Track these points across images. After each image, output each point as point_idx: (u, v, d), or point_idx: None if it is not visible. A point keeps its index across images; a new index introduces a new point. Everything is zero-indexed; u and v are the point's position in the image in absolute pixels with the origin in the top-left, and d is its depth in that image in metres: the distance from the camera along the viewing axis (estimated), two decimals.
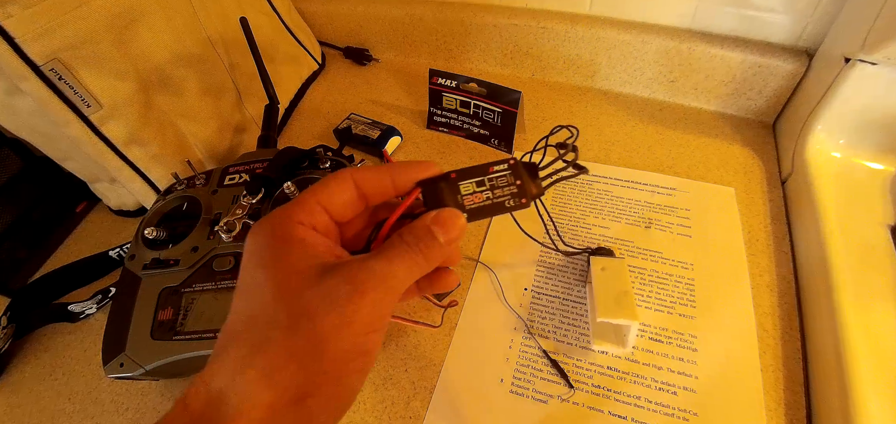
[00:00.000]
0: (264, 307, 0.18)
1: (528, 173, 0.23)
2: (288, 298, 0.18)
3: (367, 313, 0.18)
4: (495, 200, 0.22)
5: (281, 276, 0.18)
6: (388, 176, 0.22)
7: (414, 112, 0.62)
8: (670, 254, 0.43)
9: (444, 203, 0.22)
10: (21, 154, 0.50)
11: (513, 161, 0.23)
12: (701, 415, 0.34)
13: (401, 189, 0.22)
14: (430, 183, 0.22)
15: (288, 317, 0.18)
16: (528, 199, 0.22)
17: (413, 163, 0.22)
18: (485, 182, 0.22)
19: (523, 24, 0.60)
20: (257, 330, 0.18)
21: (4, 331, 0.43)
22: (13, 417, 0.40)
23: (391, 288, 0.19)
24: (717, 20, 0.53)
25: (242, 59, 0.54)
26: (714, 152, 0.51)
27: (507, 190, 0.22)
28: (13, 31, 0.35)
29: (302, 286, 0.18)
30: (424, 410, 0.36)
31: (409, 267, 0.20)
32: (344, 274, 0.18)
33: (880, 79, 0.40)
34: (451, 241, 0.21)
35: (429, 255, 0.20)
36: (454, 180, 0.22)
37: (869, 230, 0.39)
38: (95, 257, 0.49)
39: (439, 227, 0.21)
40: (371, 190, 0.22)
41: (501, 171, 0.23)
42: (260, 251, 0.19)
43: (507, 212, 0.22)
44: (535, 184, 0.23)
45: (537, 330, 0.39)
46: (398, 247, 0.20)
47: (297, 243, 0.19)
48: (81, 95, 0.40)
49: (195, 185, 0.43)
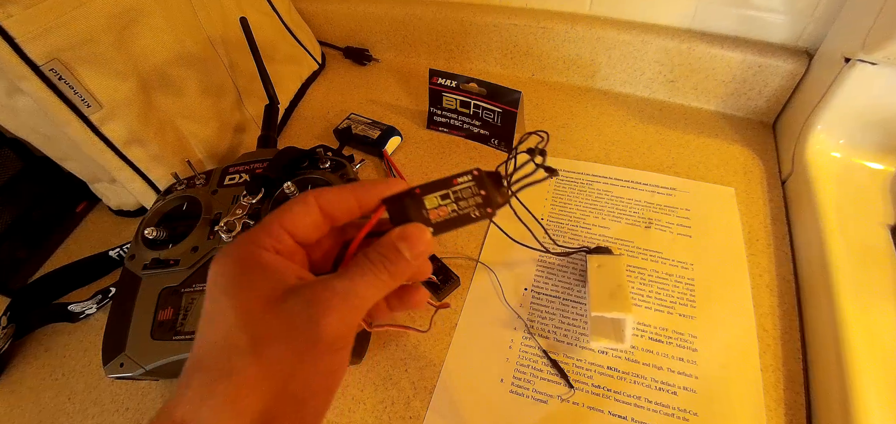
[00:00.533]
0: (227, 334, 0.18)
1: (492, 183, 0.23)
2: (250, 323, 0.18)
3: (329, 333, 0.18)
4: (461, 212, 0.22)
5: (243, 302, 0.18)
6: (352, 195, 0.22)
7: (414, 112, 0.62)
8: (670, 254, 0.43)
9: (410, 218, 0.22)
10: (21, 154, 0.50)
11: (476, 171, 0.23)
12: (701, 415, 0.34)
13: (366, 208, 0.22)
14: (394, 199, 0.22)
15: (250, 343, 0.18)
16: (494, 208, 0.23)
17: (378, 182, 0.22)
18: (449, 194, 0.23)
19: (523, 24, 0.60)
20: (219, 358, 0.18)
21: (4, 331, 0.43)
22: (13, 417, 0.40)
23: (354, 306, 0.19)
24: (717, 20, 0.53)
25: (242, 59, 0.54)
26: (714, 152, 0.51)
27: (472, 200, 0.23)
28: (13, 31, 0.34)
29: (263, 310, 0.18)
30: (424, 410, 0.36)
31: (373, 284, 0.20)
32: (305, 296, 0.19)
33: (880, 79, 0.40)
34: (418, 256, 0.21)
35: (394, 271, 0.20)
36: (418, 195, 0.22)
37: (869, 230, 0.39)
38: (95, 257, 0.49)
39: (404, 243, 0.21)
40: (335, 210, 0.22)
41: (465, 183, 0.23)
42: (222, 278, 0.19)
43: (474, 223, 0.22)
44: (501, 193, 0.23)
45: (537, 330, 0.39)
46: (361, 265, 0.20)
47: (259, 268, 0.19)
48: (81, 95, 0.40)
49: (195, 185, 0.43)
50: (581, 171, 0.51)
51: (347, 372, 0.38)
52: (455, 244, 0.46)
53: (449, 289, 0.42)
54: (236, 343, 0.18)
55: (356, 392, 0.37)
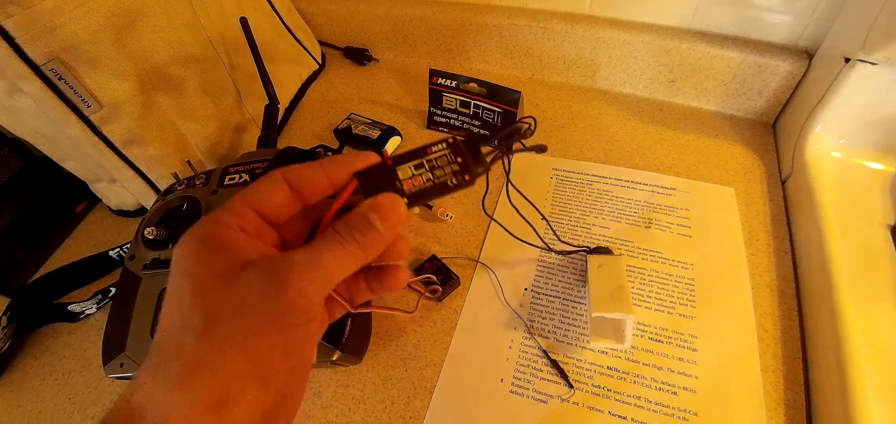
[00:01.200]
0: (182, 313, 0.17)
1: (469, 150, 0.22)
2: (203, 300, 0.17)
3: (287, 307, 0.17)
4: (437, 181, 0.21)
5: (201, 281, 0.18)
6: (322, 171, 0.21)
7: (414, 112, 0.62)
8: (670, 254, 0.43)
9: (383, 190, 0.21)
10: (21, 154, 0.50)
11: (451, 139, 0.22)
12: (701, 415, 0.34)
13: (337, 183, 0.21)
14: (366, 173, 0.21)
15: (203, 320, 0.17)
16: (472, 177, 0.22)
17: (348, 156, 0.21)
18: (424, 163, 0.21)
19: (523, 24, 0.60)
20: (173, 338, 0.17)
21: (4, 331, 0.43)
22: (13, 417, 0.40)
23: (318, 277, 0.18)
24: (717, 20, 0.53)
25: (242, 58, 0.54)
26: (714, 152, 0.51)
27: (448, 169, 0.21)
28: (13, 31, 0.34)
29: (219, 286, 0.17)
30: (424, 410, 0.36)
31: (341, 257, 0.19)
32: (261, 268, 0.18)
33: (880, 79, 0.40)
34: (391, 227, 0.20)
35: (364, 243, 0.19)
36: (391, 167, 0.21)
37: (869, 230, 0.39)
38: (95, 257, 0.49)
39: (376, 213, 0.20)
40: (305, 187, 0.21)
41: (440, 151, 0.22)
42: (184, 259, 0.18)
43: (451, 192, 0.21)
44: (479, 161, 0.22)
45: (537, 330, 0.39)
46: (328, 237, 0.19)
47: (221, 244, 0.18)
48: (81, 95, 0.40)
49: (195, 185, 0.43)
50: (581, 171, 0.51)
51: (347, 372, 0.38)
52: (455, 244, 0.46)
53: (449, 289, 0.42)
54: (189, 321, 0.17)
55: (356, 392, 0.37)
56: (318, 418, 0.36)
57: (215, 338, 0.17)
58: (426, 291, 0.40)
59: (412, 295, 0.42)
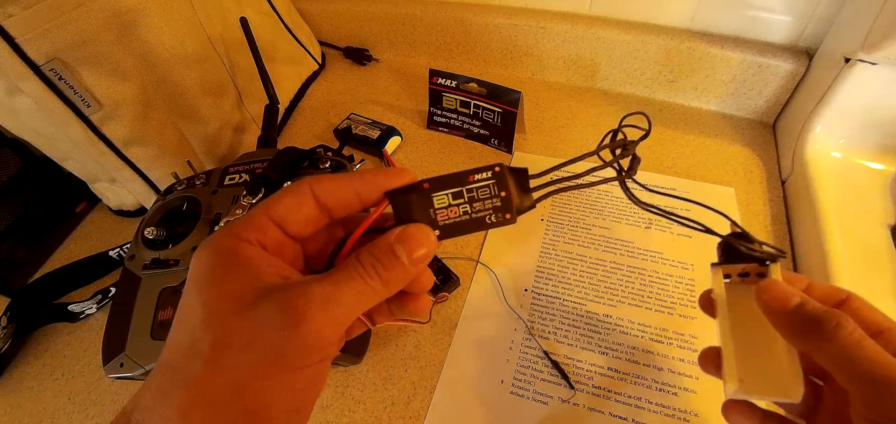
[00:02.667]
0: (192, 334, 0.16)
1: (515, 181, 0.20)
2: (214, 325, 0.16)
3: (300, 347, 0.16)
4: (474, 215, 0.19)
5: (214, 301, 0.17)
6: (352, 186, 0.19)
7: (414, 112, 0.62)
8: (670, 255, 0.43)
9: (414, 217, 0.19)
10: (21, 154, 0.50)
11: (498, 167, 0.19)
12: (701, 416, 0.34)
13: (367, 200, 0.19)
14: (399, 193, 0.19)
15: (211, 348, 0.16)
16: (514, 215, 0.19)
17: (382, 171, 0.19)
18: (463, 193, 0.19)
19: (523, 24, 0.60)
20: (180, 361, 0.16)
21: (4, 331, 0.43)
22: (13, 417, 0.40)
23: (335, 317, 0.17)
24: (717, 20, 0.53)
25: (242, 58, 0.54)
26: (714, 152, 0.51)
27: (489, 203, 0.19)
28: (13, 31, 0.35)
29: (232, 312, 0.16)
30: (425, 410, 0.36)
31: (361, 292, 0.18)
32: (278, 301, 0.16)
33: (880, 80, 0.40)
34: (418, 262, 0.18)
35: (388, 278, 0.18)
36: (427, 191, 0.19)
37: (869, 230, 0.39)
38: (95, 257, 0.49)
39: (403, 245, 0.18)
40: (333, 202, 0.19)
41: (483, 181, 0.19)
42: (200, 273, 0.17)
43: (490, 228, 0.19)
44: (524, 197, 0.20)
45: (538, 331, 0.39)
46: (350, 269, 0.18)
47: (238, 263, 0.17)
48: (81, 95, 0.40)
49: (195, 185, 0.43)
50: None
51: (347, 372, 0.38)
52: (455, 244, 0.46)
53: (448, 290, 0.42)
54: (198, 346, 0.16)
55: (356, 392, 0.37)
56: (318, 418, 0.36)
57: (222, 370, 0.16)
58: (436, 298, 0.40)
59: None
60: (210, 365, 0.16)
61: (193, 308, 0.17)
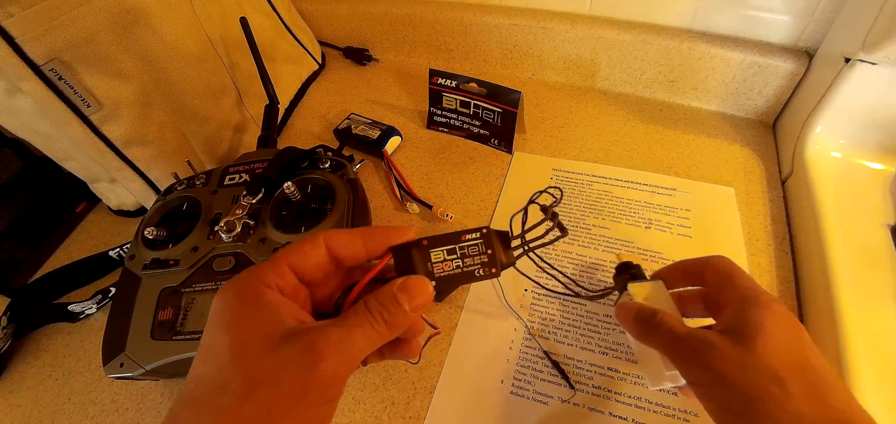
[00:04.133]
0: (221, 371, 0.18)
1: (500, 242, 0.23)
2: (244, 364, 0.18)
3: (321, 384, 0.18)
4: (465, 269, 0.23)
5: (240, 340, 0.18)
6: (361, 240, 0.22)
7: (414, 112, 0.62)
8: (670, 255, 0.43)
9: (414, 269, 0.22)
10: (21, 154, 0.50)
11: (485, 230, 0.23)
12: (701, 416, 0.34)
13: (373, 253, 0.22)
14: (401, 248, 0.22)
15: (242, 384, 0.18)
16: (498, 269, 0.23)
17: (387, 229, 0.23)
18: (456, 250, 0.23)
19: (523, 24, 0.60)
20: (211, 395, 0.18)
21: (4, 331, 0.43)
22: (13, 417, 0.40)
23: (348, 357, 0.19)
24: (717, 20, 0.53)
25: (242, 58, 0.54)
26: (714, 152, 0.51)
27: (478, 259, 0.23)
28: (13, 31, 0.34)
29: (260, 352, 0.18)
30: (425, 410, 0.36)
31: (369, 336, 0.20)
32: (302, 344, 0.18)
33: (880, 80, 0.40)
34: (417, 309, 0.21)
35: (391, 323, 0.21)
36: (426, 247, 0.23)
37: (869, 230, 0.40)
38: (95, 257, 0.49)
39: (405, 294, 0.21)
40: (343, 253, 0.22)
41: (473, 240, 0.23)
42: (224, 312, 0.19)
43: (477, 281, 0.23)
44: (506, 254, 0.23)
45: (538, 331, 0.39)
46: (360, 315, 0.20)
47: (261, 306, 0.19)
48: (81, 95, 0.40)
49: (195, 185, 0.43)
50: (581, 171, 0.51)
51: None
52: None
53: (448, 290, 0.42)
54: (228, 382, 0.18)
55: (356, 393, 0.37)
56: None
57: (253, 405, 0.17)
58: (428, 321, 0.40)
59: None
60: (242, 401, 0.17)
61: (219, 345, 0.19)
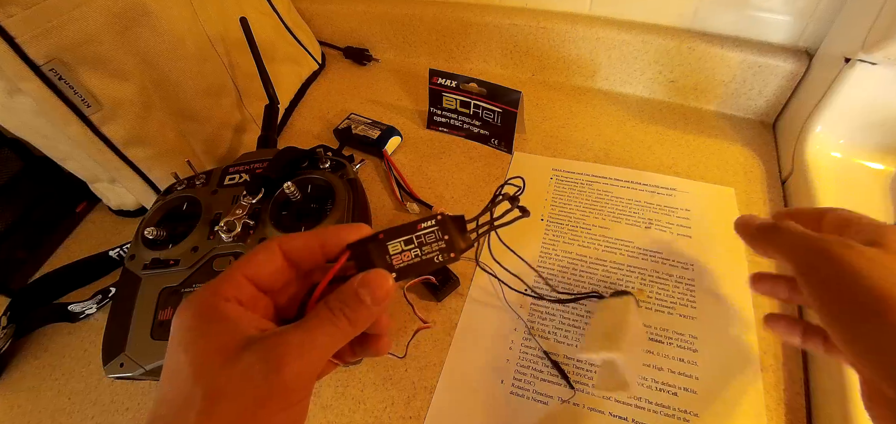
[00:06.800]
0: (182, 389, 0.18)
1: (456, 227, 0.23)
2: (205, 379, 0.18)
3: (284, 389, 0.18)
4: (424, 257, 0.23)
5: (200, 357, 0.18)
6: (316, 241, 0.22)
7: (414, 112, 0.62)
8: (670, 254, 0.43)
9: (373, 264, 0.22)
10: (21, 154, 0.50)
11: (440, 216, 0.23)
12: (701, 416, 0.34)
13: (330, 253, 0.22)
14: (359, 244, 0.22)
15: (203, 399, 0.18)
16: (457, 253, 0.23)
17: (341, 227, 0.23)
18: (413, 240, 0.23)
19: (523, 24, 0.60)
20: (175, 414, 0.18)
21: (4, 331, 0.43)
22: (13, 417, 0.40)
23: (310, 359, 0.19)
24: (717, 20, 0.53)
25: (242, 58, 0.54)
26: (714, 152, 0.51)
27: (436, 245, 0.23)
28: (13, 31, 0.34)
29: (220, 365, 0.18)
30: (424, 410, 0.36)
31: (332, 334, 0.20)
32: (260, 351, 0.18)
33: (880, 80, 0.40)
34: (379, 302, 0.21)
35: (354, 319, 0.20)
36: (382, 240, 0.23)
37: None
38: (95, 257, 0.49)
39: (365, 289, 0.21)
40: (299, 257, 0.22)
41: (429, 228, 0.23)
42: (183, 331, 0.19)
43: (437, 268, 0.23)
44: (464, 238, 0.23)
45: (538, 332, 0.39)
46: (320, 315, 0.20)
47: (218, 319, 0.19)
48: (81, 95, 0.40)
49: (195, 185, 0.43)
50: (581, 171, 0.51)
51: (347, 372, 0.38)
52: None
53: (448, 290, 0.42)
54: (191, 399, 0.18)
55: (356, 392, 0.37)
56: (318, 418, 0.36)
57: (217, 417, 0.17)
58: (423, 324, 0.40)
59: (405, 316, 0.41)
60: (204, 415, 0.17)
61: (180, 364, 0.18)
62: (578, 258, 0.43)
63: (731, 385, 0.35)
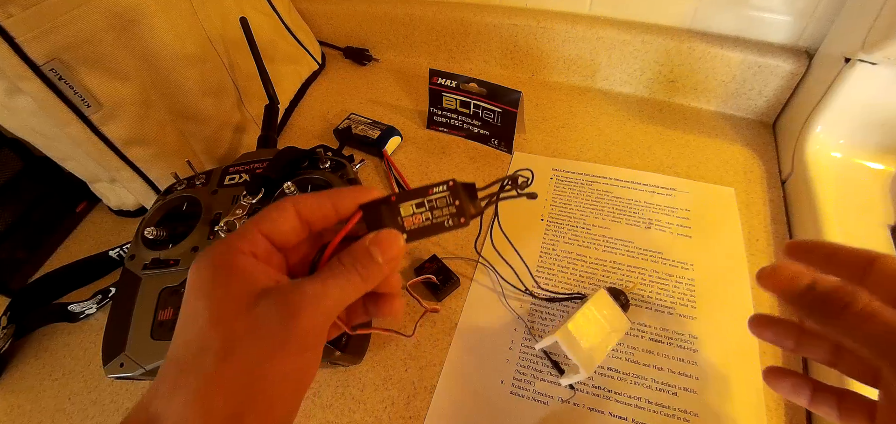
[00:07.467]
0: (200, 333, 0.19)
1: (466, 193, 0.24)
2: (222, 325, 0.19)
3: (298, 334, 0.19)
4: (435, 220, 0.23)
5: (217, 304, 0.19)
6: (329, 201, 0.22)
7: (414, 112, 0.62)
8: (670, 255, 0.43)
9: (385, 224, 0.22)
10: (21, 154, 0.50)
11: (452, 182, 0.23)
12: (701, 416, 0.34)
13: (343, 213, 0.23)
14: (371, 206, 0.23)
15: (221, 343, 0.18)
16: (467, 219, 0.23)
17: (354, 188, 0.23)
18: (424, 203, 0.23)
19: (523, 24, 0.60)
20: (192, 356, 0.19)
21: (4, 331, 0.43)
22: (13, 417, 0.40)
23: (324, 308, 0.20)
24: (717, 20, 0.53)
25: (242, 59, 0.54)
26: (714, 152, 0.51)
27: (446, 210, 0.23)
28: (13, 31, 0.34)
29: (236, 312, 0.19)
30: (424, 410, 0.36)
31: (343, 287, 0.21)
32: (275, 298, 0.19)
33: (880, 80, 0.40)
34: (390, 260, 0.21)
35: (366, 275, 0.21)
36: (394, 203, 0.23)
37: (869, 230, 0.39)
38: (95, 257, 0.49)
39: (377, 247, 0.21)
40: (312, 216, 0.22)
41: (440, 193, 0.23)
42: (200, 281, 0.20)
43: (447, 231, 0.23)
44: (474, 204, 0.24)
45: (538, 331, 0.39)
46: (333, 269, 0.21)
47: (235, 271, 0.20)
48: (81, 95, 0.40)
49: (195, 185, 0.43)
50: (581, 171, 0.51)
51: (347, 372, 0.38)
52: (455, 244, 0.46)
53: (448, 290, 0.42)
54: (208, 343, 0.18)
55: (356, 392, 0.37)
56: (318, 418, 0.36)
57: (233, 361, 0.18)
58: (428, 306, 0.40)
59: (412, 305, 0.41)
60: (221, 357, 0.18)
61: (198, 310, 0.19)
62: (578, 258, 0.43)
63: (731, 385, 0.35)
